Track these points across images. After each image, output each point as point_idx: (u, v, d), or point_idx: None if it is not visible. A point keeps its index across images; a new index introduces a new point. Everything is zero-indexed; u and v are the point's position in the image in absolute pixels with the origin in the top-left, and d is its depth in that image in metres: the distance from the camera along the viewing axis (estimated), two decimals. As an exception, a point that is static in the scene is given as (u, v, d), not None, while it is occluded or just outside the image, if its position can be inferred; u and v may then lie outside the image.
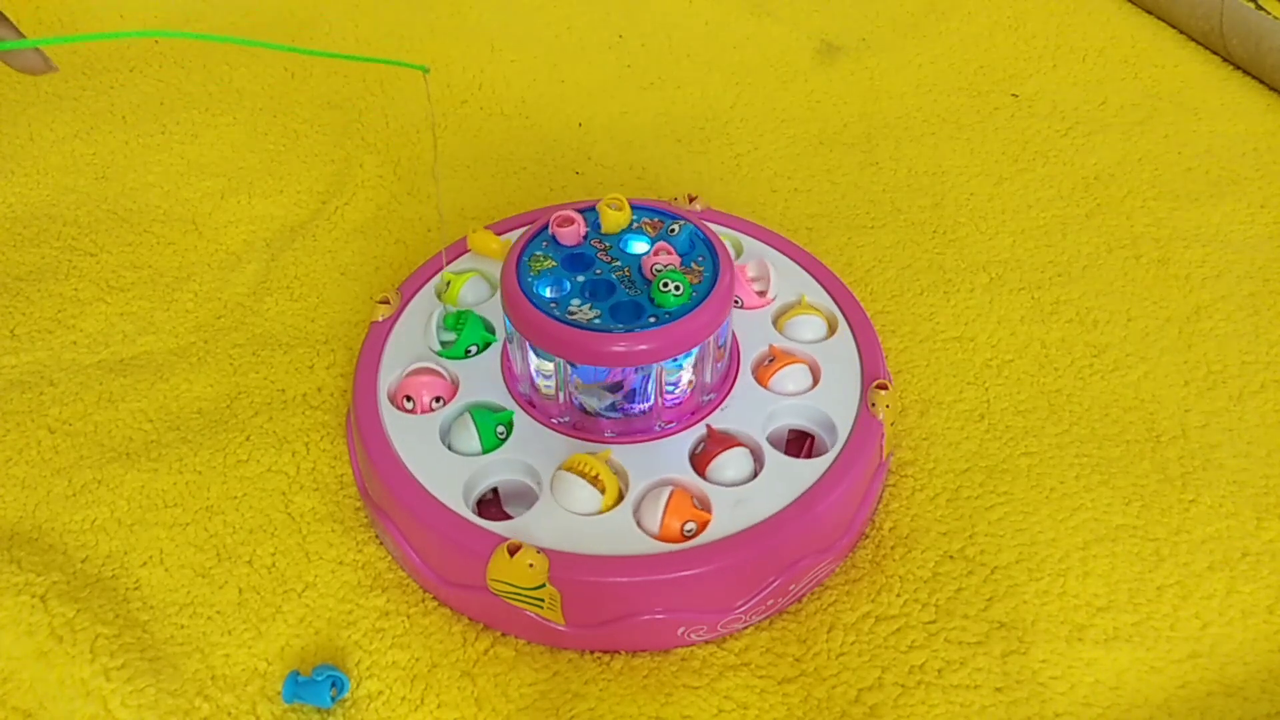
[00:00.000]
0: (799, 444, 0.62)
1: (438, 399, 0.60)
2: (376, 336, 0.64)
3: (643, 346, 0.52)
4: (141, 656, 0.53)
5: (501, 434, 0.57)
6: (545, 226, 0.58)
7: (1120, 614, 0.55)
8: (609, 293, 0.55)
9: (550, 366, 0.56)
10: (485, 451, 0.57)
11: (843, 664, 0.53)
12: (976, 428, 0.65)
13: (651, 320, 0.53)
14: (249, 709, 0.52)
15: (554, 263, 0.56)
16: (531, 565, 0.50)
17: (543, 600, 0.51)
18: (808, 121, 0.93)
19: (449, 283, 0.66)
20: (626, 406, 0.57)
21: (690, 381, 0.57)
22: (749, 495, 0.54)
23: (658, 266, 0.56)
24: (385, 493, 0.56)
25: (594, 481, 0.53)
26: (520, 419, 0.58)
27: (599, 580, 0.51)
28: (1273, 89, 0.94)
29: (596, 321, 0.53)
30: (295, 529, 0.60)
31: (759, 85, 0.97)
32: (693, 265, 0.56)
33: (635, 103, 0.95)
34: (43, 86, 0.97)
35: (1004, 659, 0.53)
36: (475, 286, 0.66)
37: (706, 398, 0.59)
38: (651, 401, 0.57)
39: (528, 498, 0.56)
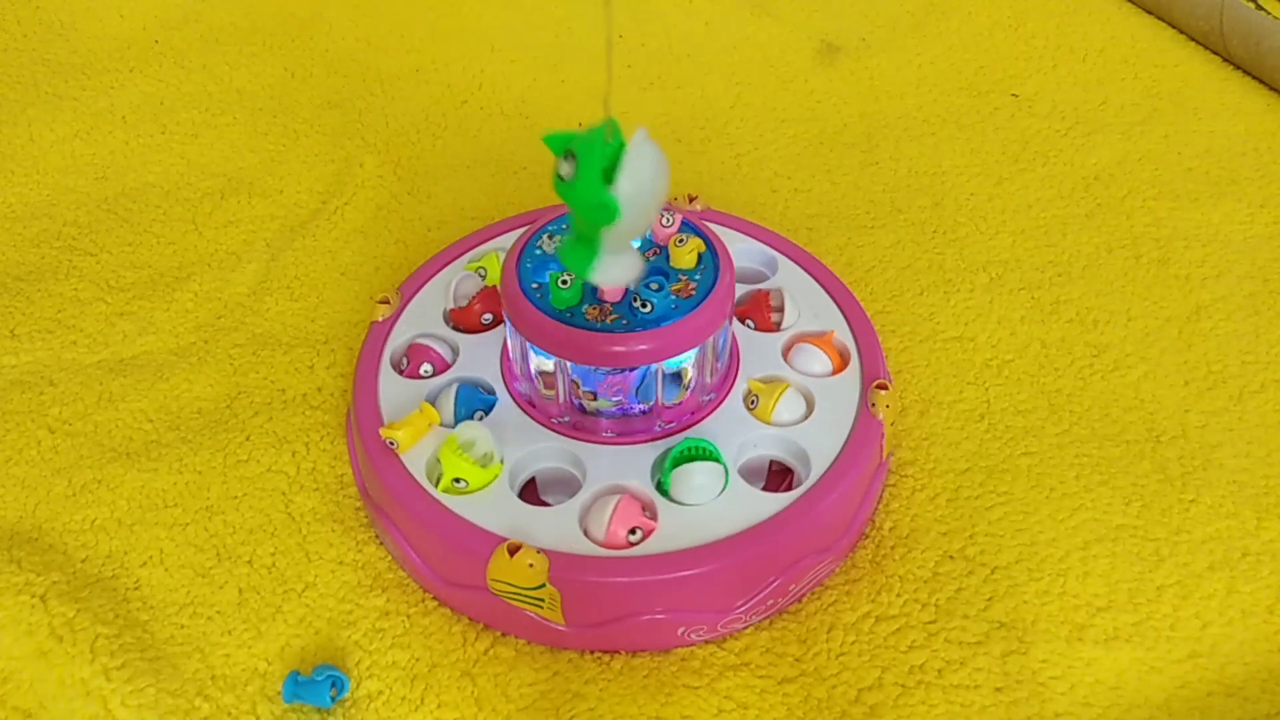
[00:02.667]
0: (780, 476, 0.61)
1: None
2: (376, 336, 0.64)
3: (643, 346, 0.52)
4: (141, 656, 0.53)
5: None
6: (545, 227, 0.58)
7: (1120, 614, 0.55)
8: None
9: (550, 366, 0.56)
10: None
11: (843, 664, 0.53)
12: (976, 428, 0.65)
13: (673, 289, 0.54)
14: (249, 709, 0.52)
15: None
16: (531, 565, 0.50)
17: (543, 600, 0.51)
18: (808, 121, 0.93)
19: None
20: (628, 406, 0.57)
21: (690, 381, 0.57)
22: (749, 495, 0.54)
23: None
24: (385, 493, 0.56)
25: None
26: (513, 415, 0.58)
27: (599, 580, 0.51)
28: (1273, 89, 0.94)
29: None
30: (295, 529, 0.60)
31: (759, 85, 0.97)
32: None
33: (635, 103, 0.95)
34: (43, 87, 0.97)
35: (1004, 659, 0.53)
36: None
37: (706, 398, 0.59)
38: (651, 401, 0.57)
39: (569, 485, 0.57)
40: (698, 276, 0.55)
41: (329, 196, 0.85)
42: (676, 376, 0.56)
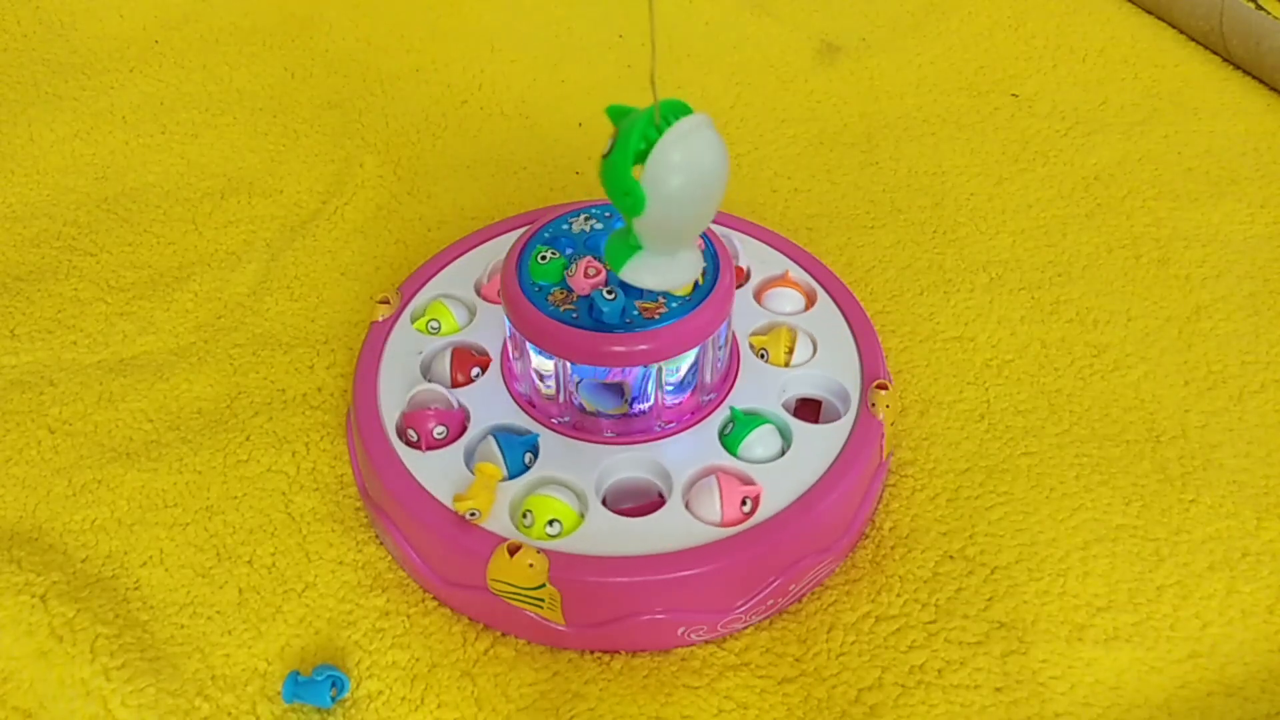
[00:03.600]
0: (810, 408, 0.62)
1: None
2: (376, 336, 0.64)
3: (643, 346, 0.52)
4: (141, 656, 0.53)
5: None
6: (544, 227, 0.58)
7: (1120, 614, 0.55)
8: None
9: (550, 366, 0.56)
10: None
11: (843, 664, 0.53)
12: (976, 428, 0.65)
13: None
14: (249, 709, 0.52)
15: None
16: (531, 565, 0.50)
17: (543, 600, 0.51)
18: (808, 121, 0.93)
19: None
20: (628, 407, 0.57)
21: (690, 381, 0.57)
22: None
23: None
24: (385, 493, 0.56)
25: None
26: (558, 442, 0.57)
27: (599, 580, 0.51)
28: (1273, 89, 0.94)
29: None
30: (295, 529, 0.60)
31: (759, 85, 0.97)
32: None
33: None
34: (43, 86, 0.97)
35: (1004, 659, 0.53)
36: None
37: (706, 398, 0.59)
38: (651, 401, 0.57)
39: (642, 493, 0.57)
40: (675, 304, 0.54)
41: (329, 196, 0.85)
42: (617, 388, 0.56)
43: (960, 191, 0.84)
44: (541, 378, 0.57)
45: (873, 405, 0.58)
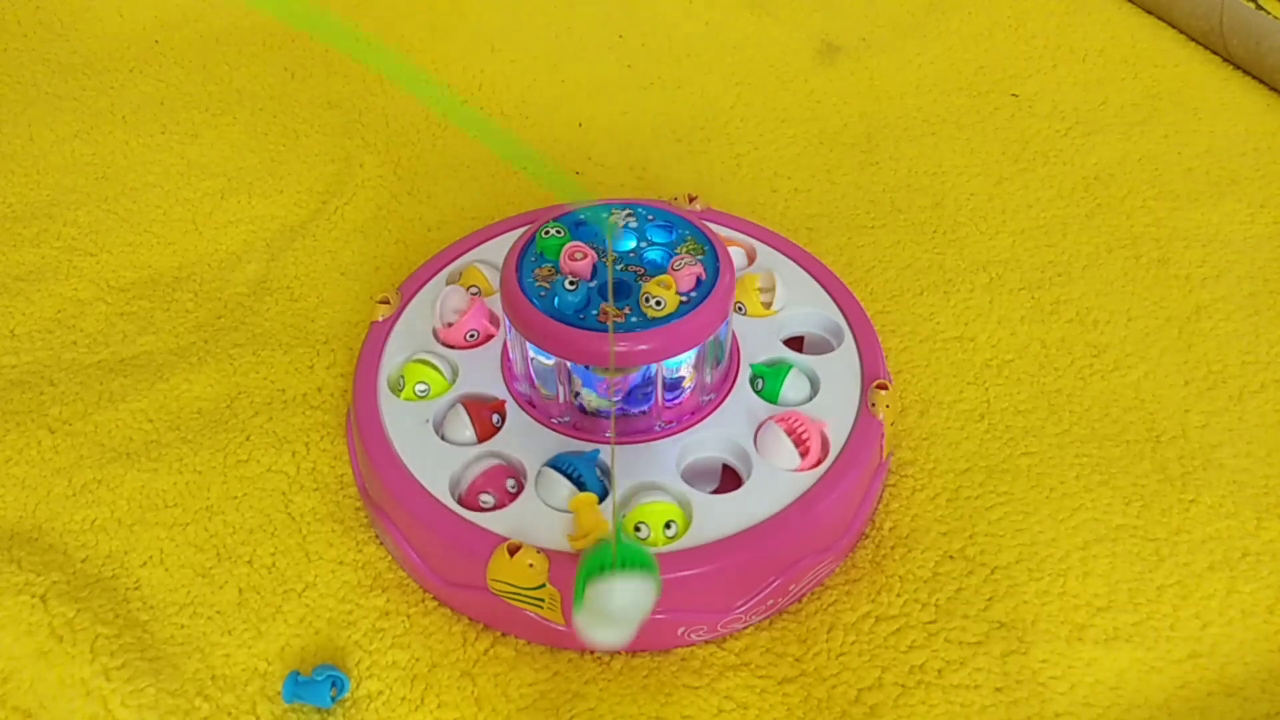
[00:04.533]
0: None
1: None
2: (376, 336, 0.64)
3: (643, 346, 0.52)
4: (141, 656, 0.53)
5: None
6: (544, 227, 0.58)
7: (1120, 614, 0.55)
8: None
9: (550, 366, 0.56)
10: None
11: (843, 664, 0.53)
12: (976, 428, 0.65)
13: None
14: (249, 709, 0.52)
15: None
16: (531, 565, 0.50)
17: (543, 600, 0.51)
18: (808, 121, 0.93)
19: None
20: (627, 406, 0.57)
21: (690, 381, 0.57)
22: (749, 495, 0.54)
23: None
24: (385, 493, 0.56)
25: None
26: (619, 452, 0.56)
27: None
28: (1273, 89, 0.94)
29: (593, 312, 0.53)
30: (295, 529, 0.60)
31: (759, 85, 0.97)
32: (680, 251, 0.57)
33: (635, 103, 0.95)
34: (43, 86, 0.97)
35: (1004, 659, 0.53)
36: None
37: (706, 398, 0.59)
38: (651, 401, 0.57)
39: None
40: (635, 318, 0.53)
41: (329, 196, 0.85)
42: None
43: (960, 191, 0.84)
44: (542, 377, 0.57)
45: (873, 405, 0.58)
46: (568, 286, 0.54)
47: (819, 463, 0.56)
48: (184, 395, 0.68)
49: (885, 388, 0.59)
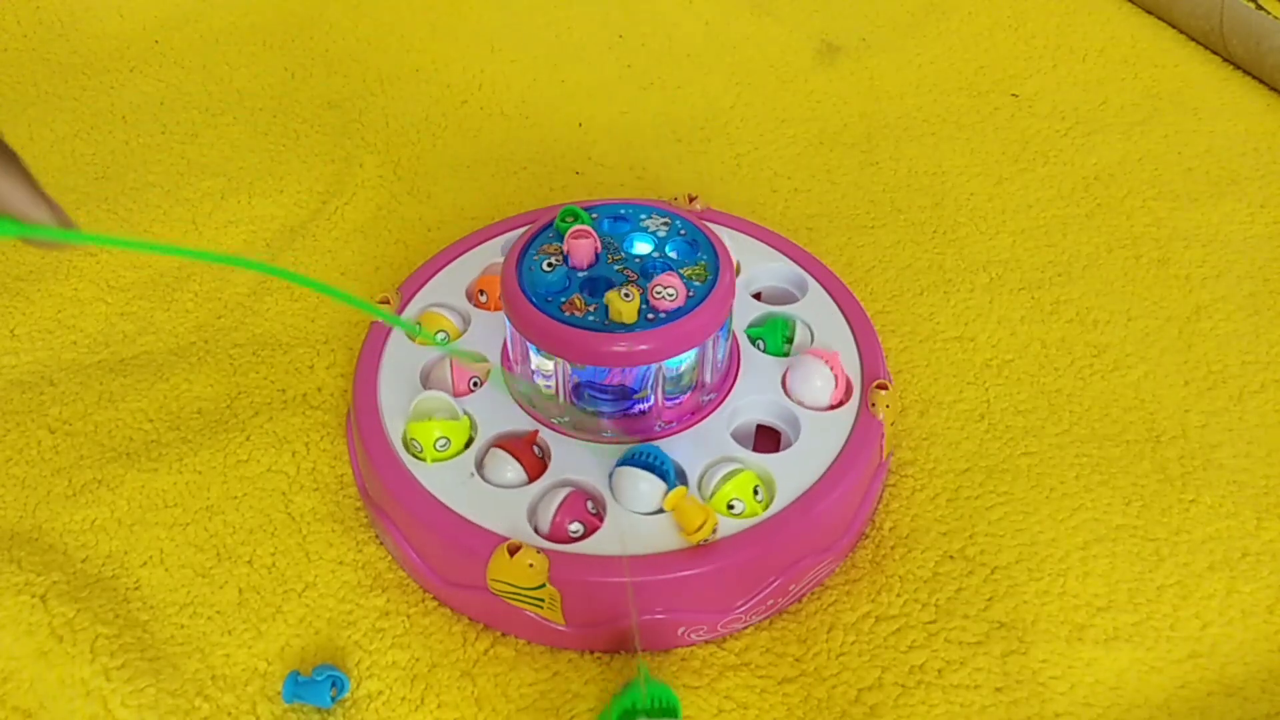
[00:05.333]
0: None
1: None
2: (377, 336, 0.64)
3: (643, 346, 0.52)
4: (142, 656, 0.53)
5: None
6: (544, 227, 0.58)
7: (1120, 614, 0.55)
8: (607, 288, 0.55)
9: (550, 366, 0.56)
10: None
11: (843, 664, 0.53)
12: (976, 428, 0.65)
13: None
14: (249, 709, 0.52)
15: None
16: (531, 565, 0.50)
17: (543, 600, 0.51)
18: (808, 121, 0.93)
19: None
20: (626, 406, 0.57)
21: (690, 381, 0.57)
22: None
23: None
24: (385, 493, 0.56)
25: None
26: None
27: (599, 580, 0.51)
28: (1273, 89, 0.94)
29: (592, 318, 0.53)
30: (295, 529, 0.60)
31: (759, 85, 0.97)
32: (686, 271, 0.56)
33: (635, 103, 0.95)
34: (43, 86, 0.97)
35: (1004, 659, 0.53)
36: None
37: (706, 398, 0.59)
38: (651, 401, 0.57)
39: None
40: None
41: (329, 196, 0.85)
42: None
43: (960, 191, 0.84)
44: (542, 377, 0.57)
45: (873, 405, 0.58)
46: (545, 267, 0.54)
47: (848, 394, 0.59)
48: (184, 395, 0.68)
49: (885, 388, 0.59)
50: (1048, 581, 0.56)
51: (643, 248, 0.57)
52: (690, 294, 0.54)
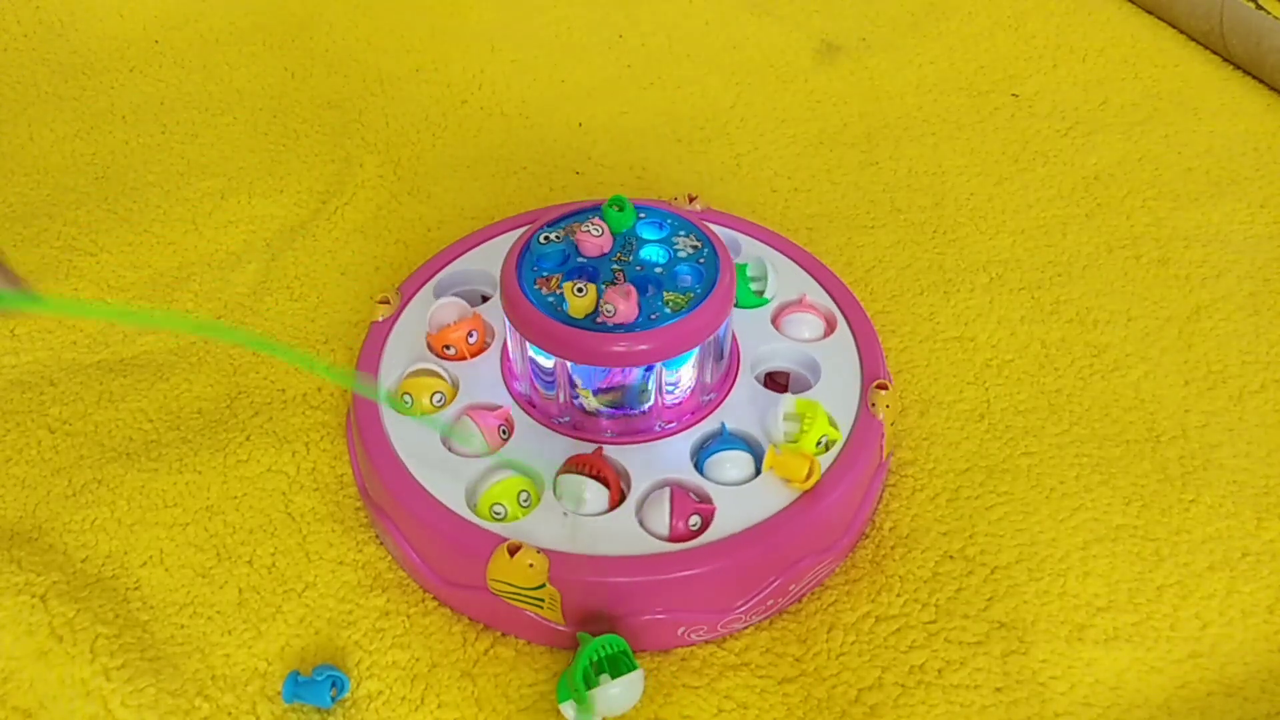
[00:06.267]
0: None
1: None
2: (376, 336, 0.64)
3: (643, 347, 0.52)
4: (142, 656, 0.53)
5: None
6: (543, 228, 0.58)
7: (1120, 614, 0.55)
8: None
9: (550, 366, 0.56)
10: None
11: (843, 664, 0.53)
12: (976, 428, 0.65)
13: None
14: (249, 709, 0.52)
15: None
16: (531, 565, 0.50)
17: (543, 600, 0.51)
18: (808, 121, 0.93)
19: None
20: (626, 407, 0.57)
21: (690, 381, 0.57)
22: (749, 495, 0.54)
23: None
24: (385, 493, 0.56)
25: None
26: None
27: (599, 580, 0.51)
28: (1273, 89, 0.94)
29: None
30: (295, 529, 0.60)
31: (759, 85, 0.97)
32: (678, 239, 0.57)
33: (635, 103, 0.95)
34: (43, 86, 0.97)
35: (1004, 659, 0.53)
36: None
37: (706, 398, 0.59)
38: (651, 401, 0.57)
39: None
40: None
41: (329, 196, 0.85)
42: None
43: (960, 191, 0.84)
44: (542, 377, 0.57)
45: (873, 405, 0.58)
46: (544, 240, 0.56)
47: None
48: (184, 395, 0.68)
49: (885, 388, 0.59)
50: (1048, 581, 0.56)
51: (652, 257, 0.57)
52: (640, 314, 0.53)
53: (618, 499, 0.54)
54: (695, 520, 0.53)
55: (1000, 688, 0.52)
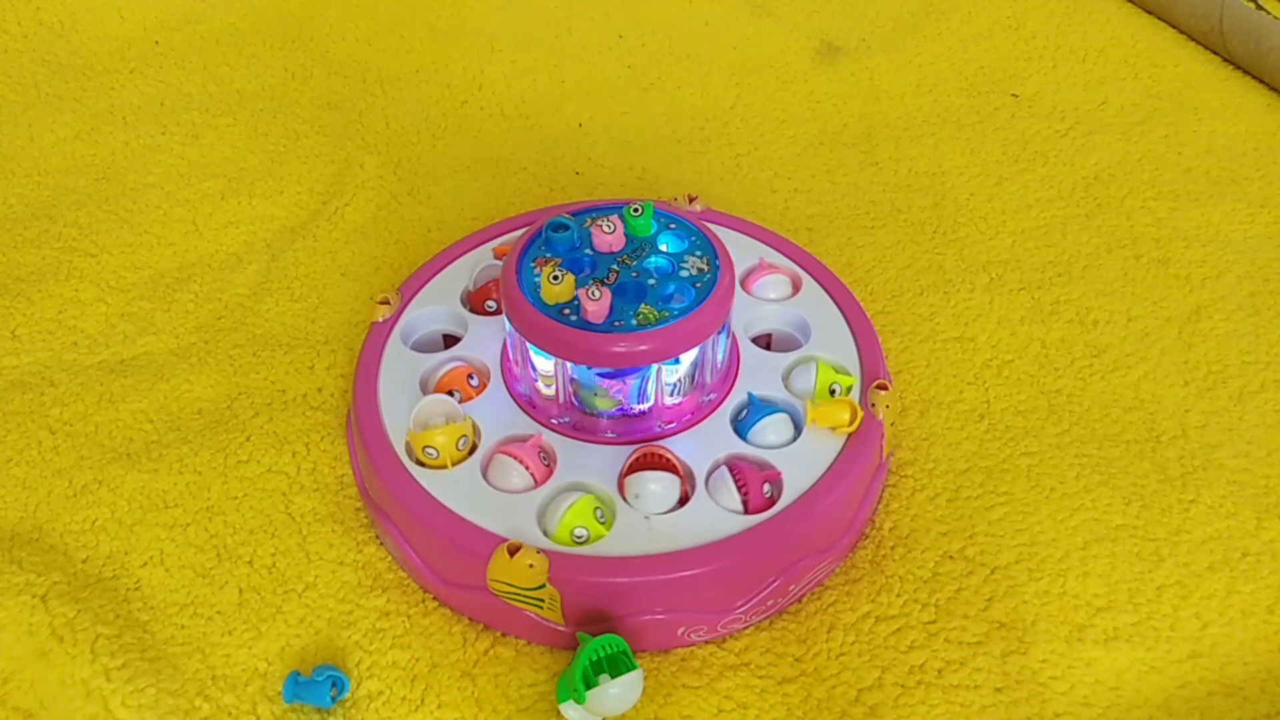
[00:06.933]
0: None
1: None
2: (377, 337, 0.64)
3: (643, 347, 0.52)
4: (142, 657, 0.53)
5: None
6: (544, 228, 0.58)
7: (1120, 614, 0.55)
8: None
9: (550, 366, 0.56)
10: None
11: (843, 664, 0.53)
12: (976, 428, 0.65)
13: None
14: (249, 709, 0.52)
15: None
16: (531, 566, 0.50)
17: (543, 600, 0.51)
18: (808, 122, 0.93)
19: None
20: (626, 407, 0.57)
21: (690, 381, 0.57)
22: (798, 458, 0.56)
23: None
24: (386, 493, 0.56)
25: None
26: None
27: (599, 580, 0.51)
28: (1273, 89, 0.94)
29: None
30: (295, 529, 0.60)
31: (759, 85, 0.97)
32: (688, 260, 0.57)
33: (635, 103, 0.95)
34: (43, 87, 0.97)
35: (1004, 659, 0.53)
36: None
37: (706, 398, 0.59)
38: (651, 401, 0.57)
39: None
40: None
41: (329, 197, 0.85)
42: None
43: (960, 191, 0.84)
44: (541, 378, 0.57)
45: (873, 405, 0.58)
46: (557, 229, 0.56)
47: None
48: (184, 396, 0.68)
49: (885, 388, 0.59)
50: (1048, 581, 0.56)
51: (654, 268, 0.56)
52: (608, 318, 0.53)
53: (688, 491, 0.55)
54: (768, 488, 0.54)
55: (1000, 688, 0.52)
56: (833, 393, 0.59)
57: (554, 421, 0.58)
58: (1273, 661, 0.53)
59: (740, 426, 0.58)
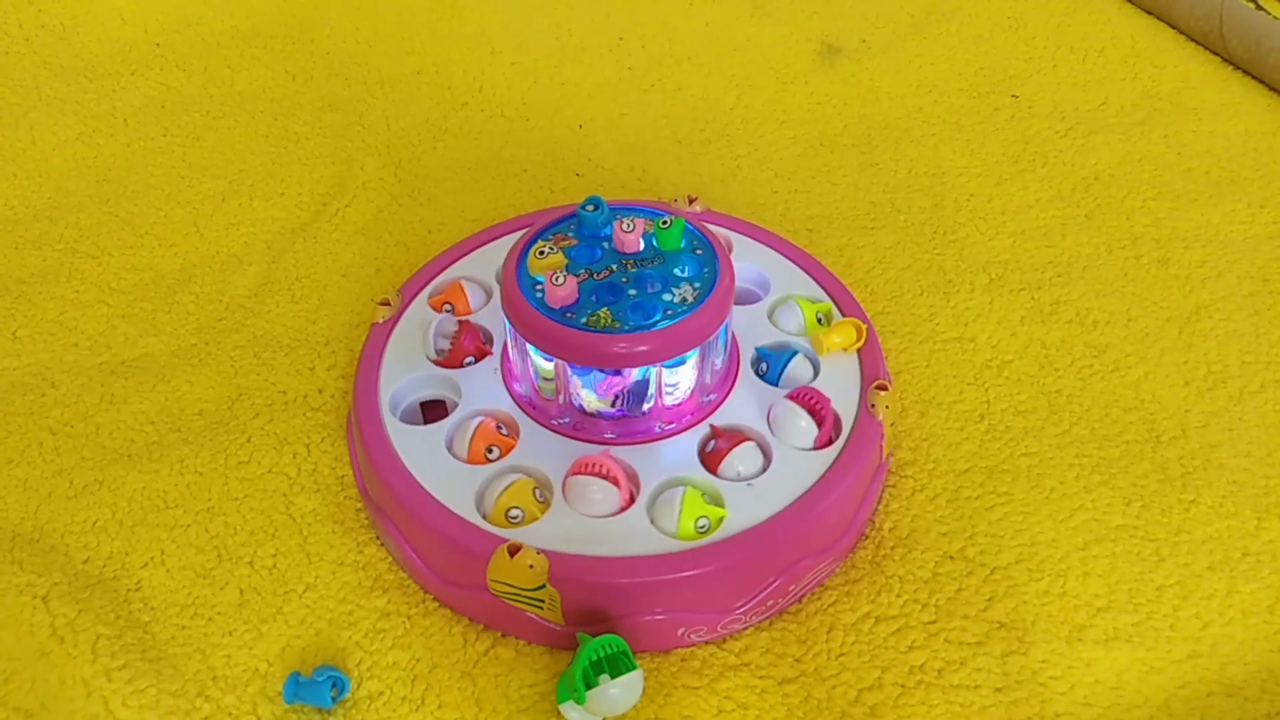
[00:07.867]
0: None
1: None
2: (377, 338, 0.64)
3: (643, 347, 0.52)
4: (142, 657, 0.53)
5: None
6: (545, 228, 0.58)
7: (1120, 614, 0.55)
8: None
9: (550, 367, 0.56)
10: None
11: (843, 664, 0.53)
12: (976, 428, 0.65)
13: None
14: (250, 709, 0.52)
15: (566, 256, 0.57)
16: (531, 566, 0.50)
17: (543, 601, 0.51)
18: (808, 123, 0.93)
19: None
20: (627, 408, 0.57)
21: (690, 382, 0.57)
22: (750, 494, 0.54)
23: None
24: (386, 494, 0.56)
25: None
26: None
27: (599, 581, 0.51)
28: (1273, 89, 0.94)
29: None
30: (296, 530, 0.60)
31: (759, 87, 0.97)
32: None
33: (636, 104, 0.96)
34: (44, 90, 0.97)
35: (1004, 659, 0.53)
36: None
37: (707, 398, 0.59)
38: (651, 402, 0.57)
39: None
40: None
41: (330, 199, 0.85)
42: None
43: (960, 192, 0.84)
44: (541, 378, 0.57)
45: (873, 406, 0.59)
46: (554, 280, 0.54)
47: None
48: (185, 397, 0.68)
49: (885, 388, 0.59)
50: (1048, 582, 0.56)
51: (650, 278, 0.56)
52: (576, 300, 0.54)
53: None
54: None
55: (1000, 688, 0.52)
56: (820, 321, 0.64)
57: (554, 422, 0.58)
58: (1273, 661, 0.53)
59: (769, 379, 0.60)
